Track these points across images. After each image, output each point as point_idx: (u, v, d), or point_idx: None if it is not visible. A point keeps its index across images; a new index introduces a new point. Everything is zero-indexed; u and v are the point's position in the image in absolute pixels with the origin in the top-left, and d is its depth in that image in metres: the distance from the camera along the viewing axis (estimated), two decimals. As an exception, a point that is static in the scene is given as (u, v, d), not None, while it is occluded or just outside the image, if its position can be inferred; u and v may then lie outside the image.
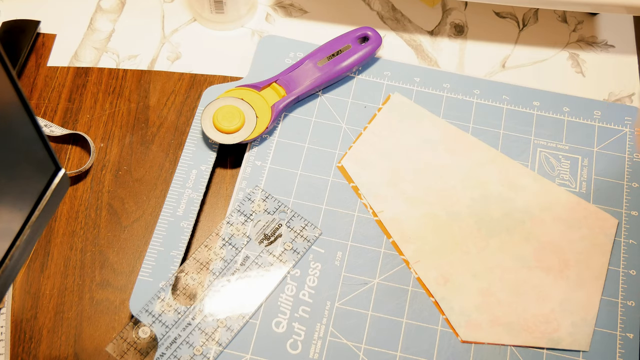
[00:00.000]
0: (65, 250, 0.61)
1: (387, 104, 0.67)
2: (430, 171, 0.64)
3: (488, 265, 0.60)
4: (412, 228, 0.61)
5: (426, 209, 0.62)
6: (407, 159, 0.64)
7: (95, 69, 0.70)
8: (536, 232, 0.61)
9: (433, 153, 0.64)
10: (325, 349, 0.57)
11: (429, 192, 0.63)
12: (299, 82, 0.67)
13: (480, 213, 0.62)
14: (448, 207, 0.62)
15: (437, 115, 0.66)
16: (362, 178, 0.63)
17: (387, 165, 0.64)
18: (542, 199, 0.63)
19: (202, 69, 0.70)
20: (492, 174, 0.64)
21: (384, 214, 0.62)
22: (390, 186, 0.63)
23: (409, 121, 0.66)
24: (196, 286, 0.58)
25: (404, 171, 0.64)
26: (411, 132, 0.65)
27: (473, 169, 0.64)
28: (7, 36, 0.70)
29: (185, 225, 0.61)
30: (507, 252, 0.60)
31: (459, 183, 0.63)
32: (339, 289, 0.59)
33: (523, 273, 0.59)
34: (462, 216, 0.62)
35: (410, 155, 0.64)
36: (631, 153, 0.66)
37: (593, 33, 0.74)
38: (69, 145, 0.66)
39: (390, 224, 0.61)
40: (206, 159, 0.64)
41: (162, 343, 0.56)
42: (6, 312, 0.58)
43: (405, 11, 0.75)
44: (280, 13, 0.74)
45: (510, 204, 0.62)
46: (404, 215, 0.62)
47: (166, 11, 0.74)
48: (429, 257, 0.60)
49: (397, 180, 0.63)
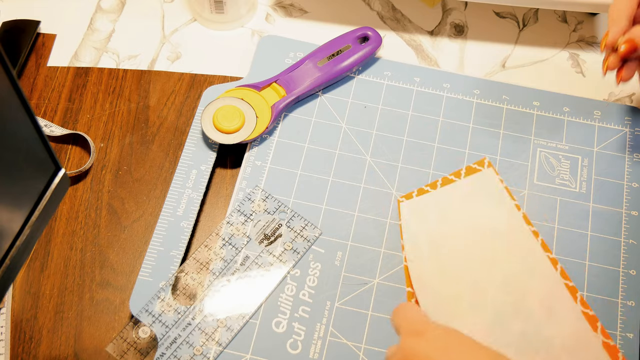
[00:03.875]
0: (65, 250, 0.61)
1: (476, 175, 0.63)
2: (477, 256, 0.60)
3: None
4: (432, 295, 0.58)
5: (452, 288, 0.58)
6: (463, 233, 0.61)
7: (95, 69, 0.70)
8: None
9: (491, 242, 0.60)
10: (325, 349, 0.57)
11: (465, 273, 0.59)
12: (299, 82, 0.67)
13: (502, 319, 0.57)
14: (474, 296, 0.58)
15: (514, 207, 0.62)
16: (411, 226, 0.61)
17: (441, 228, 0.61)
18: (571, 339, 0.56)
19: (202, 69, 0.70)
20: (537, 290, 0.58)
21: (412, 264, 0.59)
22: (433, 247, 0.60)
23: (486, 200, 0.63)
24: (196, 286, 0.58)
25: (453, 240, 0.60)
26: (482, 211, 0.62)
27: (520, 273, 0.59)
28: (7, 36, 0.70)
29: (185, 225, 0.61)
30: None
31: (499, 280, 0.59)
32: (339, 289, 0.59)
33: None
34: (480, 311, 0.57)
35: (468, 231, 0.61)
36: (631, 153, 0.66)
37: (593, 33, 0.74)
38: (69, 145, 0.66)
39: (415, 277, 0.59)
40: (206, 159, 0.64)
41: (162, 343, 0.56)
42: (6, 312, 0.58)
43: (405, 11, 0.75)
44: (280, 13, 0.74)
45: (536, 328, 0.57)
46: (430, 280, 0.59)
47: (166, 11, 0.74)
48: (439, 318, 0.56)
49: (442, 244, 0.60)
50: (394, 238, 0.61)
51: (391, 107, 0.67)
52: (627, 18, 0.58)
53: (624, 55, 0.57)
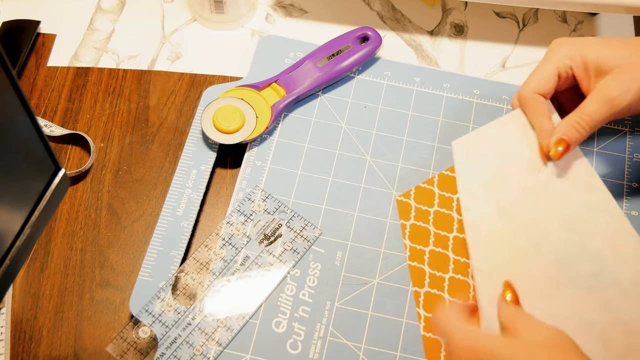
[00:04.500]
0: (65, 250, 0.61)
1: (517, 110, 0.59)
2: (537, 192, 0.56)
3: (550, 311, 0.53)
4: (488, 237, 0.55)
5: (512, 227, 0.55)
6: (520, 170, 0.57)
7: (95, 69, 0.70)
8: (616, 305, 0.53)
9: (550, 176, 0.56)
10: (325, 349, 0.57)
11: (524, 212, 0.56)
12: (299, 82, 0.67)
13: (566, 258, 0.54)
14: (536, 236, 0.55)
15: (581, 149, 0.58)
16: (465, 168, 0.58)
17: (498, 166, 0.57)
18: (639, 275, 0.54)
19: (202, 69, 0.70)
20: (600, 226, 0.55)
21: (468, 213, 0.56)
22: (490, 189, 0.57)
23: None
24: (196, 286, 0.58)
25: (511, 180, 0.57)
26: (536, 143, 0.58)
27: (582, 210, 0.55)
28: (7, 36, 0.70)
29: (185, 225, 0.61)
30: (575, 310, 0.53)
31: (559, 218, 0.55)
32: (339, 289, 0.59)
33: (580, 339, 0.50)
34: (545, 251, 0.54)
35: (525, 168, 0.57)
36: (631, 153, 0.66)
37: (593, 33, 0.74)
38: (69, 145, 0.66)
39: (470, 224, 0.56)
40: (206, 159, 0.64)
41: (162, 343, 0.56)
42: (6, 312, 0.58)
43: (405, 11, 0.75)
44: (280, 13, 0.74)
45: (602, 265, 0.54)
46: (487, 222, 0.56)
47: (166, 11, 0.74)
48: (494, 271, 0.54)
49: (499, 185, 0.57)
50: (394, 238, 0.61)
51: (391, 107, 0.67)
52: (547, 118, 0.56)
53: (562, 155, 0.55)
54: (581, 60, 0.55)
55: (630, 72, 0.53)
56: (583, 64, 0.55)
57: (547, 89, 0.56)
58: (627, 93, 0.53)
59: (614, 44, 0.55)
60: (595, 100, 0.54)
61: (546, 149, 0.56)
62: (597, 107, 0.54)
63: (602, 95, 0.54)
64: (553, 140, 0.55)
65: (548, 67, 0.56)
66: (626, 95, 0.53)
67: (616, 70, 0.54)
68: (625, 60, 0.54)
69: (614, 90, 0.53)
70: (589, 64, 0.55)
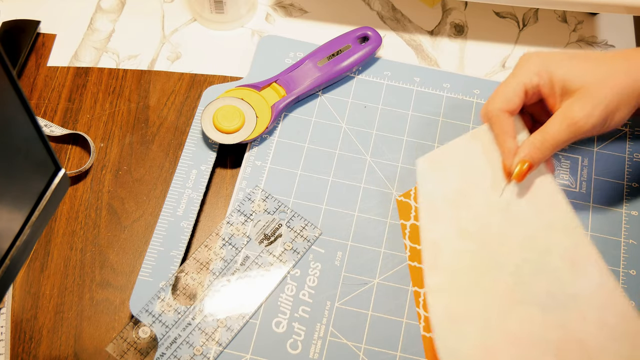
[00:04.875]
0: (65, 250, 0.61)
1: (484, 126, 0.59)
2: (499, 211, 0.57)
3: (505, 330, 0.53)
4: (447, 258, 0.56)
5: (471, 247, 0.56)
6: (483, 189, 0.57)
7: (95, 69, 0.70)
8: (572, 325, 0.53)
9: (511, 194, 0.57)
10: (325, 349, 0.57)
11: (484, 231, 0.56)
12: (299, 82, 0.67)
13: (524, 277, 0.55)
14: (495, 255, 0.56)
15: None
16: (427, 185, 0.58)
17: (460, 185, 0.58)
18: (597, 296, 0.54)
19: (202, 69, 0.70)
20: (559, 246, 0.56)
21: (427, 233, 0.57)
22: (451, 207, 0.57)
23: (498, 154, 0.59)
24: (196, 286, 0.58)
25: (473, 198, 0.57)
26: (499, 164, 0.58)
27: (543, 229, 0.56)
28: (7, 36, 0.70)
29: (185, 225, 0.61)
30: (531, 328, 0.53)
31: (519, 237, 0.56)
32: (339, 289, 0.59)
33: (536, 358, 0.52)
34: (503, 271, 0.55)
35: (488, 187, 0.57)
36: (631, 153, 0.66)
37: (593, 33, 0.74)
38: (69, 145, 0.66)
39: (429, 246, 0.57)
40: (206, 159, 0.64)
41: (162, 343, 0.56)
42: (6, 312, 0.58)
43: (405, 11, 0.75)
44: (280, 13, 0.74)
45: (560, 285, 0.55)
46: (446, 242, 0.57)
47: (166, 11, 0.74)
48: (449, 291, 0.55)
49: (460, 204, 0.57)
50: (394, 238, 0.61)
51: (391, 107, 0.67)
52: (511, 137, 0.57)
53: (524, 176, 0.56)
54: (548, 78, 0.55)
55: (595, 95, 0.53)
56: (550, 81, 0.55)
57: (513, 106, 0.56)
58: (590, 117, 0.53)
59: (582, 62, 0.55)
60: (559, 121, 0.54)
61: (509, 169, 0.56)
62: (560, 128, 0.54)
63: (566, 117, 0.54)
64: (516, 161, 0.56)
65: (515, 83, 0.56)
66: (589, 119, 0.53)
67: (581, 92, 0.54)
68: (591, 80, 0.54)
69: (577, 113, 0.54)
70: (556, 82, 0.55)
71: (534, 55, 0.56)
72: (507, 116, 0.56)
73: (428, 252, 0.57)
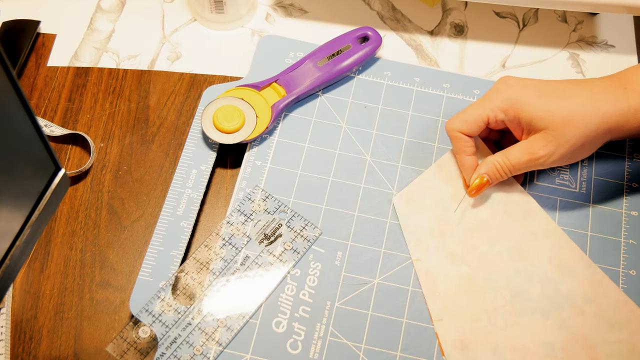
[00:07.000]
0: (65, 250, 0.61)
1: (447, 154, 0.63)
2: (480, 230, 0.60)
3: (512, 344, 0.56)
4: (445, 285, 0.58)
5: (464, 269, 0.59)
6: (459, 212, 0.61)
7: (95, 69, 0.70)
8: (572, 322, 0.57)
9: (488, 211, 0.61)
10: (325, 349, 0.57)
11: (472, 252, 0.60)
12: (299, 82, 0.67)
13: (519, 287, 0.58)
14: (487, 272, 0.59)
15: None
16: (409, 221, 0.61)
17: (438, 213, 0.61)
18: (588, 289, 0.58)
19: (202, 69, 0.70)
20: (544, 250, 0.59)
21: (420, 263, 0.59)
22: (435, 236, 0.60)
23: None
24: (196, 286, 0.58)
25: (453, 224, 0.61)
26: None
27: (525, 238, 0.60)
28: (7, 36, 0.70)
29: (185, 225, 0.61)
30: (536, 335, 0.56)
31: (505, 250, 0.59)
32: (339, 289, 0.59)
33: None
34: (499, 285, 0.58)
35: (464, 208, 0.61)
36: (631, 153, 0.66)
37: (593, 33, 0.74)
38: (69, 145, 0.66)
39: (424, 275, 0.59)
40: (206, 159, 0.64)
41: (162, 343, 0.56)
42: (6, 312, 0.58)
43: (405, 11, 0.75)
44: (280, 13, 0.74)
45: (553, 286, 0.58)
46: (440, 269, 0.59)
47: (166, 11, 0.74)
48: (454, 318, 0.57)
49: (444, 230, 0.60)
50: (394, 238, 0.61)
51: (391, 107, 0.67)
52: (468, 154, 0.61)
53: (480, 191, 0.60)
54: (514, 116, 0.58)
55: (559, 136, 0.57)
56: (516, 118, 0.58)
57: (469, 132, 0.60)
58: (552, 156, 0.57)
59: (549, 101, 0.57)
60: (522, 152, 0.58)
61: (467, 183, 0.61)
62: (522, 159, 0.58)
63: (529, 151, 0.58)
64: (474, 176, 0.60)
65: (478, 113, 0.59)
66: (550, 157, 0.57)
67: (546, 132, 0.57)
68: (557, 120, 0.57)
69: (540, 150, 0.57)
70: (522, 120, 0.58)
71: (506, 88, 0.59)
72: (464, 138, 0.60)
73: (424, 281, 0.59)
